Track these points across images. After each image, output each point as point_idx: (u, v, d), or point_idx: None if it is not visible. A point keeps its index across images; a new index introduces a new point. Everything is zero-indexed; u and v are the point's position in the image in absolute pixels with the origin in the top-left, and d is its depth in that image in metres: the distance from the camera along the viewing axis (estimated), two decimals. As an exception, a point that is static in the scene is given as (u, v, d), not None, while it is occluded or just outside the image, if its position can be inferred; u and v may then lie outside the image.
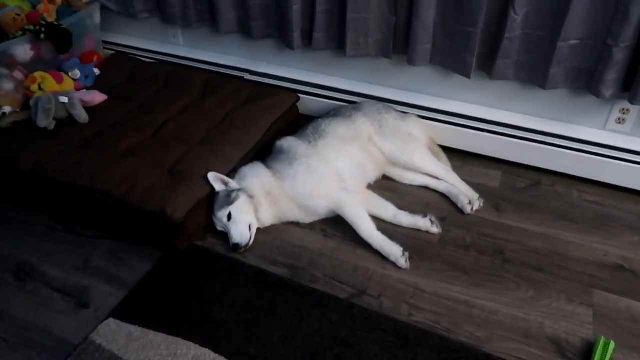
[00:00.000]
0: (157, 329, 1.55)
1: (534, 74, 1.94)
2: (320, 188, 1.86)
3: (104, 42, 2.79)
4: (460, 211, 1.98)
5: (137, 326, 1.56)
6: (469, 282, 1.71)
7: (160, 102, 2.33)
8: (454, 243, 1.85)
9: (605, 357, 1.43)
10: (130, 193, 1.80)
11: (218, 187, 1.86)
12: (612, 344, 1.46)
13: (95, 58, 2.56)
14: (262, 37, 2.38)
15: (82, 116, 2.17)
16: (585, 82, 1.89)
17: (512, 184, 2.12)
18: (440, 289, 1.68)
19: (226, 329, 1.55)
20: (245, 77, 2.54)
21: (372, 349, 1.48)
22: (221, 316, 1.59)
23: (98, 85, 2.45)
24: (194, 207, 1.80)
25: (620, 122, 2.00)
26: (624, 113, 1.97)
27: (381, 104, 2.20)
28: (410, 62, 2.07)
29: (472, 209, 1.96)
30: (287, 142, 2.01)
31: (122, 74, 2.59)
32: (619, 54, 1.75)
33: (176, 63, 2.69)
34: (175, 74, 2.54)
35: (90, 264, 1.80)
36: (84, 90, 2.35)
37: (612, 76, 1.80)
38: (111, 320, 1.58)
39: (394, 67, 2.24)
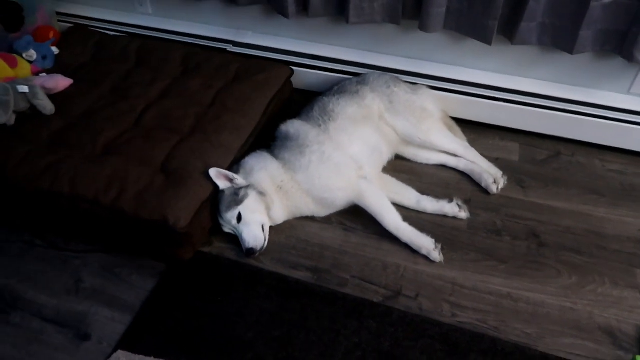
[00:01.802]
0: (177, 357, 1.36)
1: (560, 38, 1.78)
2: (338, 178, 1.66)
3: (58, 13, 2.42)
4: (484, 191, 1.84)
5: (152, 357, 1.36)
6: (507, 272, 1.59)
7: (135, 85, 2.03)
8: (484, 228, 1.72)
9: (665, 346, 1.36)
10: (121, 199, 1.55)
11: (222, 184, 1.64)
12: (670, 332, 1.39)
13: (51, 34, 2.22)
14: (248, 3, 2.10)
15: (48, 107, 1.86)
16: (616, 44, 1.74)
17: (532, 156, 1.99)
18: (479, 283, 1.56)
19: (256, 351, 1.37)
20: (229, 50, 2.26)
21: (421, 360, 1.35)
22: (248, 336, 1.40)
23: (59, 66, 2.12)
24: (198, 211, 1.58)
25: (645, 86, 1.88)
26: (650, 76, 1.85)
27: (388, 76, 1.99)
28: (423, 27, 1.86)
29: (497, 188, 1.82)
30: (294, 127, 1.78)
31: (86, 51, 2.25)
32: (657, 14, 1.60)
33: (146, 36, 2.37)
34: (148, 50, 2.23)
35: (82, 284, 1.56)
36: (44, 74, 2.02)
37: (647, 38, 1.65)
38: (120, 353, 1.37)
39: (402, 34, 2.02)
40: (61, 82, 1.97)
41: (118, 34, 2.39)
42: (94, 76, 2.08)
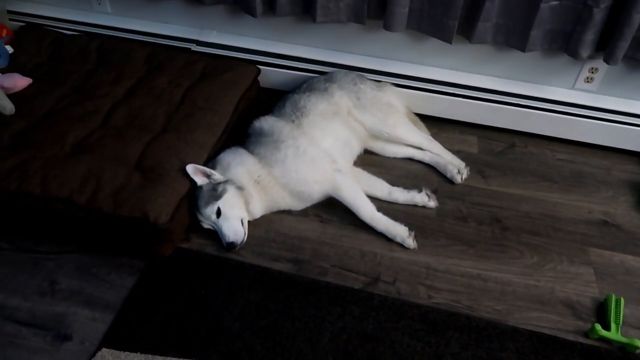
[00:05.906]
0: (164, 352, 1.36)
1: (513, 37, 1.91)
2: (314, 172, 1.71)
3: (8, 12, 2.32)
4: (449, 181, 1.95)
5: (138, 353, 1.35)
6: (475, 255, 1.69)
7: (99, 84, 2.00)
8: (452, 215, 1.82)
9: (619, 314, 1.50)
10: (98, 198, 1.53)
11: (200, 180, 1.64)
12: (622, 300, 1.53)
13: (4, 33, 2.13)
14: (213, 2, 2.10)
15: (8, 106, 1.80)
16: (562, 43, 1.89)
17: (489, 148, 2.13)
18: (451, 266, 1.65)
19: (244, 341, 1.39)
20: (193, 49, 2.26)
21: (404, 340, 1.42)
22: (235, 327, 1.42)
23: (15, 66, 2.04)
24: (177, 207, 1.58)
25: (588, 81, 2.05)
26: (592, 72, 2.02)
27: (354, 74, 2.06)
28: (387, 27, 1.95)
29: (461, 178, 1.93)
30: (268, 123, 1.82)
31: (42, 50, 2.18)
32: (599, 15, 1.76)
33: (105, 35, 2.32)
34: (109, 49, 2.19)
35: (58, 286, 1.52)
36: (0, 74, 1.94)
37: (590, 37, 1.81)
38: (105, 351, 1.35)
39: (366, 33, 2.10)
40: (19, 82, 1.91)
41: (74, 33, 2.32)
42: (54, 76, 2.02)
